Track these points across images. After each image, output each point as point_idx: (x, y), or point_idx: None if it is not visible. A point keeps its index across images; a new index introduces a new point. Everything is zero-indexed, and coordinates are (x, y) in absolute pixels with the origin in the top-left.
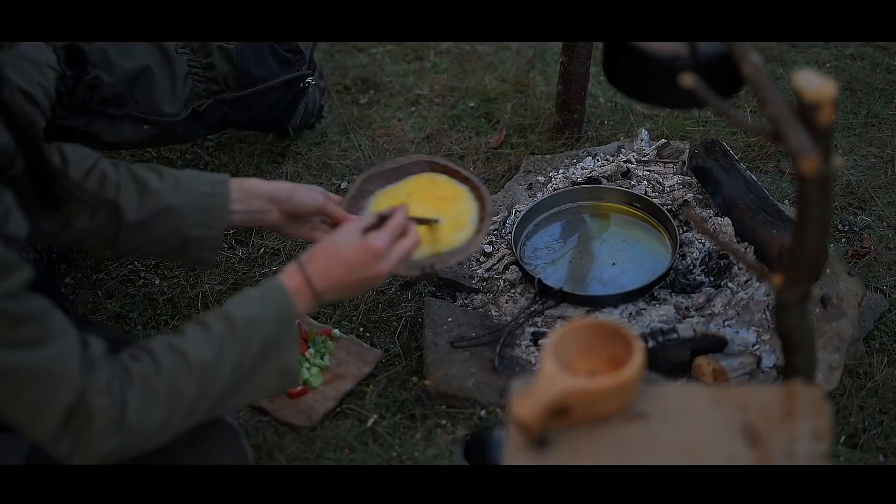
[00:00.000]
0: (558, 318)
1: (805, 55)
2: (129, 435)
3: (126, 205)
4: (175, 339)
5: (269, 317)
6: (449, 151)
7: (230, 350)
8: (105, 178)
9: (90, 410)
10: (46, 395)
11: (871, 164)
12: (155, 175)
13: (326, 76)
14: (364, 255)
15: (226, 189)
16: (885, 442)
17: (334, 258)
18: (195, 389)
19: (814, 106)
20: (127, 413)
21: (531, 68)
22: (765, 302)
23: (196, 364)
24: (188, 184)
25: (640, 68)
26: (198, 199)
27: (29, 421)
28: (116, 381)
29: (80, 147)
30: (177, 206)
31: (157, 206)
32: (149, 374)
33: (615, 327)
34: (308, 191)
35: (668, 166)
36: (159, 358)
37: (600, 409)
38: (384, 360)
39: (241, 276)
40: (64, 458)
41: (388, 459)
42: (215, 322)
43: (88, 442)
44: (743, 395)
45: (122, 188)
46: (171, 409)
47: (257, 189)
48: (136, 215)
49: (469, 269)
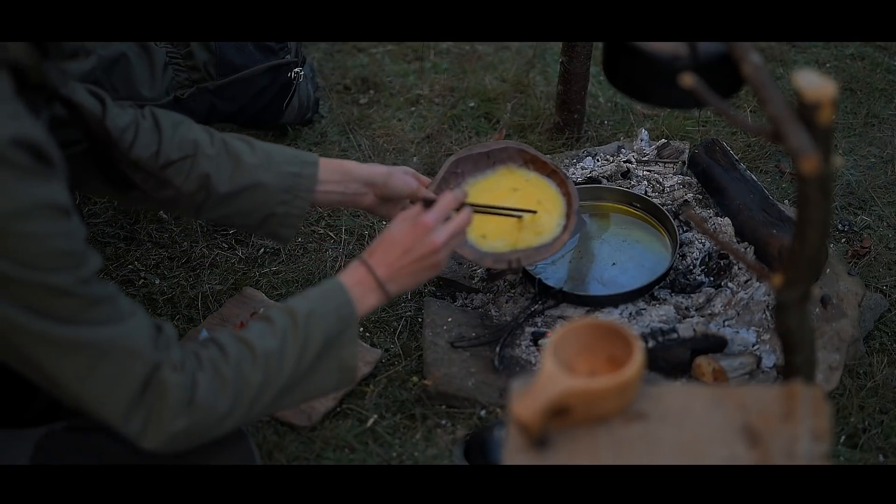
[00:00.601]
0: (558, 318)
1: (805, 55)
2: (198, 417)
3: (217, 177)
4: (239, 332)
5: (329, 310)
6: (449, 151)
7: (293, 341)
8: (199, 148)
9: (164, 385)
10: (121, 369)
11: (871, 164)
12: (248, 148)
13: (326, 76)
14: (414, 233)
15: (314, 171)
16: (885, 442)
17: (389, 244)
18: (260, 378)
19: (814, 106)
20: (197, 394)
21: (531, 68)
22: (765, 302)
23: (260, 353)
24: (278, 161)
25: (641, 68)
26: (286, 178)
27: (100, 398)
28: (188, 362)
29: (174, 114)
30: (266, 183)
31: (247, 181)
32: (217, 360)
33: (615, 327)
34: (402, 175)
35: (668, 166)
36: (226, 346)
37: (600, 409)
38: (384, 360)
39: (241, 276)
40: (135, 435)
41: (388, 459)
42: (278, 315)
43: (160, 419)
44: (743, 395)
45: (216, 159)
46: (236, 395)
47: (355, 173)
48: (227, 188)
49: (469, 269)
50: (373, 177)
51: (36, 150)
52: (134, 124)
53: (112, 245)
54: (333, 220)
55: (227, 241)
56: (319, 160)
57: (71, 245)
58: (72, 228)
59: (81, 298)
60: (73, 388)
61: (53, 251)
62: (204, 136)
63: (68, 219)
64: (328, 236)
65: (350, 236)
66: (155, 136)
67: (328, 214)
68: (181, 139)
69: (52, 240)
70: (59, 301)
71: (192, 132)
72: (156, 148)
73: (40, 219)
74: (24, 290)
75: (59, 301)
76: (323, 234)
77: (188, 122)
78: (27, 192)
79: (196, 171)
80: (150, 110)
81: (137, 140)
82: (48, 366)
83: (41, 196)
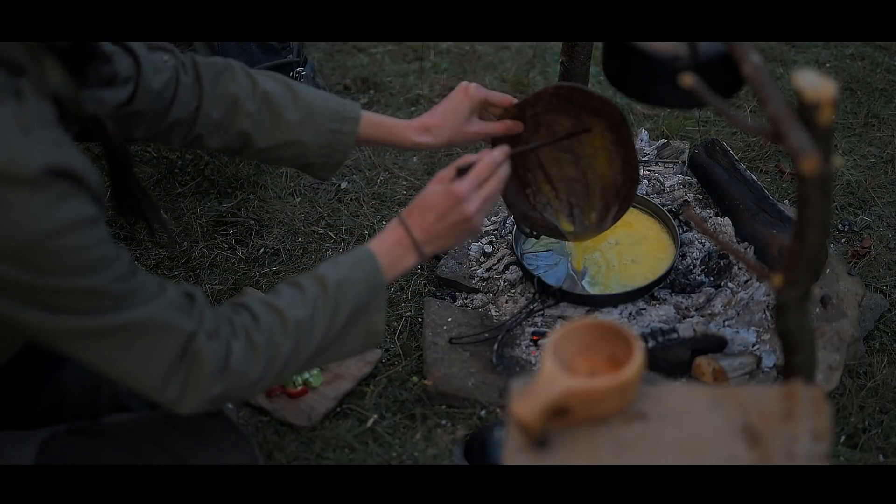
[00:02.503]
0: (558, 318)
1: (805, 55)
2: (233, 382)
3: (256, 134)
4: (271, 298)
5: (360, 279)
6: (449, 151)
7: (323, 310)
8: (238, 105)
9: (201, 353)
10: (157, 344)
11: (871, 164)
12: (290, 101)
13: (326, 76)
14: (447, 201)
15: (354, 128)
16: (885, 442)
17: (424, 208)
18: (290, 346)
19: (814, 106)
20: (231, 361)
21: (531, 68)
22: (765, 302)
23: (291, 322)
24: (320, 118)
25: (640, 68)
26: (326, 135)
27: (137, 373)
28: (223, 329)
29: (217, 62)
30: (305, 141)
31: (286, 138)
32: (249, 328)
33: (615, 327)
34: (463, 132)
35: (668, 166)
36: (258, 314)
37: (600, 409)
38: (384, 360)
39: (240, 276)
40: (173, 402)
41: (388, 459)
42: (309, 284)
43: (197, 384)
44: (743, 395)
45: (255, 116)
46: (268, 362)
47: (398, 139)
48: (265, 144)
49: (469, 269)
50: (419, 148)
51: (71, 175)
52: (173, 81)
53: None
54: (333, 221)
55: (227, 241)
56: (361, 117)
57: (103, 251)
58: (102, 234)
59: (115, 294)
60: (108, 367)
61: (87, 260)
62: (246, 88)
63: (99, 225)
64: (328, 236)
65: (350, 236)
66: (195, 90)
67: (328, 214)
68: (222, 92)
69: (85, 251)
70: (94, 300)
71: (234, 83)
72: (196, 104)
73: (74, 234)
74: (58, 296)
75: (94, 300)
76: (323, 234)
77: (230, 69)
78: (61, 213)
79: (235, 129)
80: (192, 60)
81: (177, 99)
82: (83, 352)
83: (75, 214)
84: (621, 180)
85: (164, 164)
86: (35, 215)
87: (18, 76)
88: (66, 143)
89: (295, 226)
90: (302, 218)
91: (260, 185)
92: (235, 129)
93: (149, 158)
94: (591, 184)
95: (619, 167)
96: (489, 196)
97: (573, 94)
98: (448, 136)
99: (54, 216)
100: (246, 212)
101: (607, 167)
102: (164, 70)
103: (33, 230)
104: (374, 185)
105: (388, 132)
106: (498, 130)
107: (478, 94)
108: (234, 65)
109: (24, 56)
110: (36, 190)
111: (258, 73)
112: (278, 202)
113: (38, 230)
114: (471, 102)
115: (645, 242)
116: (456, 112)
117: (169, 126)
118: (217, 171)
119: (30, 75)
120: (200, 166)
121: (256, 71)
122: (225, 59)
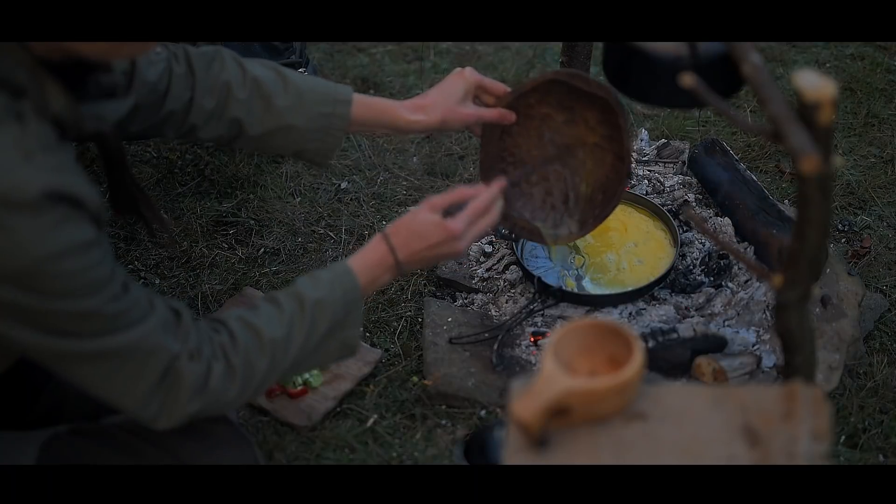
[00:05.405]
0: (558, 318)
1: (805, 55)
2: (210, 401)
3: (248, 121)
4: (249, 316)
5: (337, 298)
6: (449, 151)
7: (299, 328)
8: (230, 93)
9: (182, 374)
10: (142, 367)
11: (871, 164)
12: (280, 87)
13: (327, 76)
14: (440, 234)
15: (347, 110)
16: (885, 442)
17: (413, 233)
18: (265, 365)
19: (814, 106)
20: (210, 381)
21: (531, 68)
22: (765, 302)
23: (267, 341)
24: (311, 102)
25: (640, 68)
26: (318, 119)
27: (120, 392)
28: (205, 348)
29: (207, 50)
30: (297, 125)
31: (278, 124)
32: (227, 348)
33: (615, 327)
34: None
35: (668, 166)
36: (235, 333)
37: (600, 409)
38: (384, 360)
39: (240, 276)
40: (152, 418)
41: (388, 459)
42: (287, 301)
43: (176, 403)
44: (743, 395)
45: (246, 103)
46: (244, 381)
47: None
48: (257, 130)
49: (469, 269)
50: (413, 127)
51: (71, 199)
52: (167, 73)
53: (112, 245)
54: (333, 221)
55: (227, 241)
56: (353, 99)
57: (100, 272)
58: (99, 256)
59: (109, 314)
60: (92, 386)
61: (83, 283)
62: (236, 76)
63: (97, 247)
64: (328, 236)
65: (350, 236)
66: (188, 81)
67: (328, 214)
68: (213, 81)
69: (82, 274)
70: (87, 321)
71: (225, 71)
72: (189, 95)
73: (72, 257)
74: (52, 317)
75: (87, 321)
76: (323, 234)
77: (220, 56)
78: (60, 237)
79: (227, 117)
80: (184, 49)
81: (170, 91)
82: (70, 371)
83: (73, 238)
84: (611, 178)
85: (164, 164)
86: (35, 239)
87: (20, 98)
88: (66, 166)
89: (295, 226)
90: (302, 218)
91: (260, 185)
92: (227, 118)
93: (148, 158)
94: (577, 184)
95: (609, 164)
96: (481, 232)
97: (573, 79)
98: (441, 115)
99: (54, 240)
100: (246, 212)
101: (597, 165)
102: (157, 62)
103: (32, 254)
104: (374, 185)
105: (382, 112)
106: (491, 116)
107: (473, 77)
108: (223, 52)
109: (25, 77)
110: (36, 215)
111: (247, 60)
112: (278, 202)
113: (37, 254)
114: (465, 84)
115: (651, 242)
116: (450, 92)
117: (163, 118)
118: (217, 171)
119: (31, 97)
120: (200, 166)
121: (245, 59)
122: (214, 47)
